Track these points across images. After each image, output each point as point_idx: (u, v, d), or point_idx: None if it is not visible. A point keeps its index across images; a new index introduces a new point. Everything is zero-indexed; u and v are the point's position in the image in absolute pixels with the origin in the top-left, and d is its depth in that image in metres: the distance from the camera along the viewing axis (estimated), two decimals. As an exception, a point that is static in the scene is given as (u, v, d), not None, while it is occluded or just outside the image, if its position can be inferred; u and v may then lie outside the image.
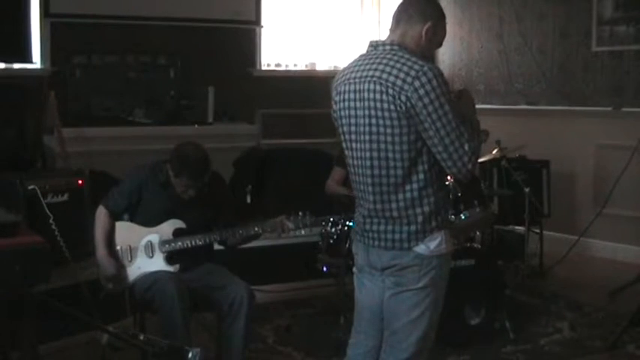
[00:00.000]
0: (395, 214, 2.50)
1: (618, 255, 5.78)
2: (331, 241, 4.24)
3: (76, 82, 5.77)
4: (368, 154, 2.52)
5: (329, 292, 4.64)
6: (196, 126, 5.96)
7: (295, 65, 6.90)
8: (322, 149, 6.19)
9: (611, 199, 5.39)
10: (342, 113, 2.58)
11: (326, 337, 4.11)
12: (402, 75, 2.38)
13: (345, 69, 2.62)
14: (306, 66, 6.95)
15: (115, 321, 3.66)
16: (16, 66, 5.54)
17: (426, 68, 2.37)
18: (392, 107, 2.40)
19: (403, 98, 2.37)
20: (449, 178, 3.32)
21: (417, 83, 2.36)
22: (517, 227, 5.36)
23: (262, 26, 6.59)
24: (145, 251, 3.47)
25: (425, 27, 2.50)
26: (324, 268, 4.27)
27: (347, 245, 4.11)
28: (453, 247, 2.62)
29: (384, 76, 2.42)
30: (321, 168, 5.08)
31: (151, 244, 3.47)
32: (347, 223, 4.19)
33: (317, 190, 4.87)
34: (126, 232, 3.52)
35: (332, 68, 7.04)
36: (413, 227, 2.49)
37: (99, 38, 5.85)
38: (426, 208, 2.48)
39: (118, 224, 3.54)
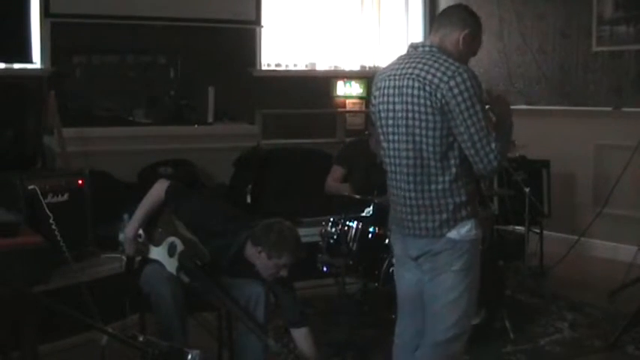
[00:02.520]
0: (427, 202, 2.70)
1: (618, 255, 5.77)
2: (331, 241, 4.24)
3: (76, 82, 5.77)
4: (404, 146, 2.71)
5: (329, 292, 4.64)
6: (196, 126, 5.95)
7: (295, 65, 6.89)
8: (322, 149, 6.18)
9: (611, 199, 5.39)
10: (381, 107, 2.78)
11: (326, 337, 4.11)
12: (439, 74, 2.59)
13: (386, 67, 2.83)
14: (306, 66, 6.95)
15: (115, 321, 3.66)
16: (16, 66, 5.54)
17: (461, 70, 2.59)
18: (428, 103, 2.61)
19: (439, 95, 2.58)
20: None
21: (452, 82, 2.57)
22: (517, 227, 5.35)
23: (262, 26, 6.59)
24: (167, 248, 3.36)
25: (463, 33, 2.73)
26: (324, 268, 4.27)
27: (350, 245, 4.12)
28: (482, 235, 2.81)
29: (422, 74, 2.63)
30: (321, 168, 5.08)
31: (175, 246, 3.32)
32: (347, 223, 4.19)
33: (317, 190, 4.87)
34: (167, 217, 3.40)
35: (332, 68, 7.05)
36: (444, 215, 2.69)
37: (99, 38, 5.84)
38: (457, 199, 2.68)
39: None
